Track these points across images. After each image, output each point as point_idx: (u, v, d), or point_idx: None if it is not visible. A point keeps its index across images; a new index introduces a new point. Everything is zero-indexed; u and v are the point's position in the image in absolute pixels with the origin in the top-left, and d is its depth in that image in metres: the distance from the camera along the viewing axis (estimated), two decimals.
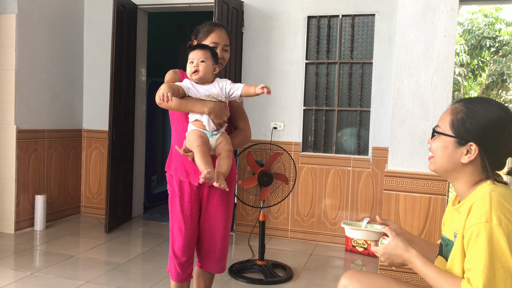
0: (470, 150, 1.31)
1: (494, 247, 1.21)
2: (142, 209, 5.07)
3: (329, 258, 3.82)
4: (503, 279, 1.20)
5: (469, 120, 1.31)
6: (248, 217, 4.39)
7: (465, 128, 1.31)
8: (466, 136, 1.31)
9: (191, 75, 1.99)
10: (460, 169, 1.34)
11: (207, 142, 1.97)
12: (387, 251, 1.41)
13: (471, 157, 1.31)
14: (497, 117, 1.30)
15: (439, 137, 1.37)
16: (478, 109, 1.31)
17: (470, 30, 12.07)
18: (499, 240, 1.21)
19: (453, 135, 1.33)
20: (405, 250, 1.38)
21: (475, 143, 1.30)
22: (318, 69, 4.25)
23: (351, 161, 4.12)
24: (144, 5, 4.65)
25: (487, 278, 1.20)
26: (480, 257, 1.22)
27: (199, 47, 2.01)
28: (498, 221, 1.21)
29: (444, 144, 1.35)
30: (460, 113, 1.34)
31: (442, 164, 1.37)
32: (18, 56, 4.05)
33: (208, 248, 2.19)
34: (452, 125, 1.34)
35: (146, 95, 5.03)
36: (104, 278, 3.14)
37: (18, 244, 3.80)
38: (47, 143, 4.45)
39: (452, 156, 1.34)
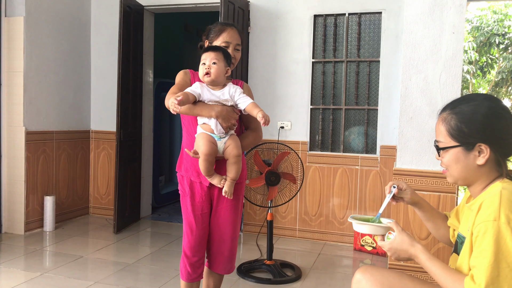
0: (481, 150, 1.30)
1: (500, 246, 1.19)
2: (150, 210, 5.09)
3: (337, 257, 3.81)
4: (508, 278, 1.19)
5: (464, 123, 1.30)
6: (256, 217, 4.38)
7: (464, 133, 1.30)
8: (470, 139, 1.30)
9: (203, 77, 1.97)
10: (478, 172, 1.33)
11: (215, 150, 1.95)
12: (393, 246, 1.42)
13: (486, 156, 1.30)
14: (487, 108, 1.29)
15: (447, 151, 1.36)
16: (466, 110, 1.31)
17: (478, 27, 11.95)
18: (506, 239, 1.19)
19: (457, 144, 1.32)
20: (411, 245, 1.38)
21: (482, 142, 1.29)
22: (325, 68, 4.23)
23: (359, 160, 4.09)
24: (150, 6, 4.66)
25: (490, 276, 1.19)
26: (486, 255, 1.21)
27: (212, 49, 1.98)
28: (506, 220, 1.20)
29: (454, 156, 1.34)
30: (452, 120, 1.33)
31: (460, 174, 1.36)
32: (26, 59, 4.08)
33: (217, 249, 2.19)
34: (451, 135, 1.33)
35: (153, 96, 5.04)
36: (113, 278, 3.15)
37: (28, 245, 3.83)
38: (56, 144, 4.48)
39: (467, 163, 1.33)
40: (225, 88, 2.00)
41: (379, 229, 1.49)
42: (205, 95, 1.95)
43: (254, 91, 4.27)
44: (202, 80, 1.98)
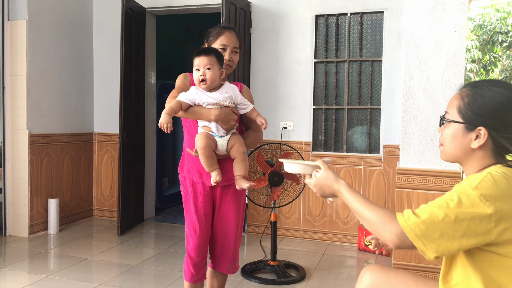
0: (479, 134, 1.27)
1: (461, 201, 1.16)
2: (154, 211, 5.09)
3: (341, 257, 3.80)
4: (445, 230, 1.15)
5: (476, 104, 1.27)
6: (260, 218, 4.38)
7: (472, 112, 1.28)
8: (475, 120, 1.27)
9: (199, 83, 1.97)
10: (470, 154, 1.31)
11: (211, 143, 1.96)
12: (318, 182, 1.45)
13: (481, 141, 1.27)
14: (505, 98, 1.26)
15: (449, 124, 1.34)
16: (485, 92, 1.28)
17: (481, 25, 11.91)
18: (468, 202, 1.16)
19: (461, 121, 1.30)
20: (335, 181, 1.42)
21: (484, 127, 1.26)
22: (327, 68, 4.22)
23: (362, 159, 4.08)
24: (152, 8, 4.67)
25: (432, 217, 1.16)
26: (441, 199, 1.19)
27: (204, 52, 1.98)
28: (480, 193, 1.17)
29: (453, 131, 1.32)
30: (466, 97, 1.30)
31: (452, 152, 1.34)
32: (29, 62, 4.10)
33: (222, 249, 2.19)
34: (459, 111, 1.31)
35: (156, 98, 5.05)
36: (117, 280, 3.16)
37: (32, 248, 3.84)
38: (59, 147, 4.49)
39: (462, 142, 1.31)
40: (222, 89, 2.01)
41: (307, 167, 1.56)
42: (202, 99, 1.96)
43: (256, 92, 4.28)
44: (198, 86, 1.99)
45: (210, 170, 1.97)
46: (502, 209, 1.16)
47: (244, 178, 1.99)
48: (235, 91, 2.03)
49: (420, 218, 1.17)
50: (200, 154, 1.95)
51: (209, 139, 1.96)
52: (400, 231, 1.19)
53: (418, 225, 1.17)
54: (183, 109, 1.94)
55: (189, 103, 1.95)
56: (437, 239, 1.15)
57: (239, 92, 2.06)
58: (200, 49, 2.02)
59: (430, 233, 1.16)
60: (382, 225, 1.23)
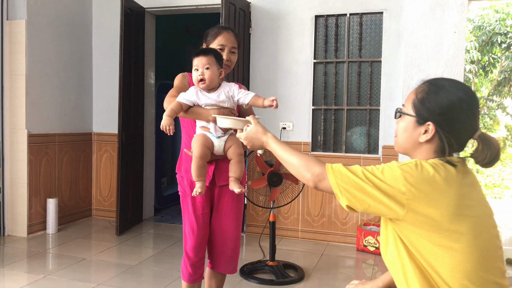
0: (428, 129, 1.32)
1: (384, 172, 1.25)
2: (153, 211, 5.09)
3: (340, 258, 3.80)
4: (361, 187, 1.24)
5: (429, 100, 1.32)
6: (258, 218, 4.37)
7: (424, 107, 1.32)
8: (425, 115, 1.32)
9: (197, 83, 1.97)
10: (417, 147, 1.36)
11: (207, 153, 1.96)
12: (249, 135, 1.57)
13: (428, 136, 1.32)
14: (457, 98, 1.30)
15: (403, 117, 1.39)
16: (439, 90, 1.32)
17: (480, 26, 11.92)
18: (389, 174, 1.23)
19: (413, 114, 1.35)
20: (263, 134, 1.55)
21: (433, 122, 1.30)
22: (327, 69, 4.23)
23: (361, 160, 4.08)
24: (151, 8, 4.67)
25: (355, 172, 1.26)
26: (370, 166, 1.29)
27: (203, 52, 1.98)
28: (402, 170, 1.23)
29: (406, 124, 1.37)
30: (421, 92, 1.35)
31: (402, 143, 1.40)
32: (28, 62, 4.09)
33: (220, 248, 2.19)
34: (413, 105, 1.35)
35: (155, 98, 5.05)
36: (116, 280, 3.15)
37: (31, 247, 3.83)
38: (58, 147, 4.49)
39: (412, 135, 1.35)
40: (220, 89, 2.00)
41: (238, 122, 1.68)
42: (201, 99, 1.96)
43: (255, 92, 4.26)
44: (197, 86, 1.99)
45: (197, 179, 1.94)
46: (416, 194, 1.21)
47: (238, 180, 1.98)
48: (232, 87, 2.02)
49: (346, 169, 1.29)
50: (194, 162, 1.94)
51: (206, 148, 1.95)
52: (320, 172, 1.31)
53: (341, 173, 1.28)
54: (183, 110, 1.95)
55: (189, 103, 1.95)
56: (352, 190, 1.25)
57: (235, 86, 2.04)
58: (199, 49, 2.01)
59: (348, 183, 1.26)
60: (305, 166, 1.35)
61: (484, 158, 1.29)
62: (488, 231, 1.27)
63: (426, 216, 1.21)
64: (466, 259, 1.21)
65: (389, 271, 1.39)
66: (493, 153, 1.29)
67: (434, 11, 2.99)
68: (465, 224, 1.22)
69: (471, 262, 1.21)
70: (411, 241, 1.25)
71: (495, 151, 1.29)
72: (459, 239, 1.21)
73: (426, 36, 3.02)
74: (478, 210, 1.26)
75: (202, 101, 1.96)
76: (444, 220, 1.21)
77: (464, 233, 1.21)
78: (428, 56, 3.02)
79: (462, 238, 1.21)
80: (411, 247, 1.26)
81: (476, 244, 1.22)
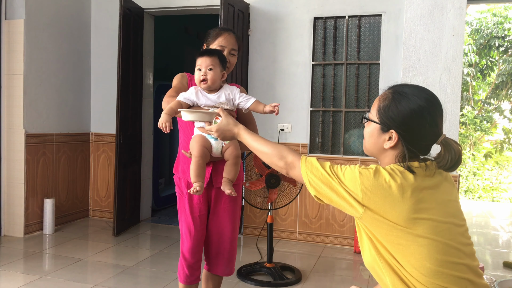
0: (391, 136, 1.36)
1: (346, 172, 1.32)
2: (150, 212, 5.08)
3: (337, 260, 3.80)
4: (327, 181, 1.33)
5: (392, 108, 1.35)
6: (256, 220, 4.37)
7: (387, 115, 1.36)
8: (388, 123, 1.36)
9: (199, 83, 1.96)
10: (382, 153, 1.41)
11: (206, 153, 1.95)
12: (220, 127, 1.63)
13: (392, 143, 1.36)
14: (418, 107, 1.33)
15: (369, 123, 1.43)
16: (401, 98, 1.35)
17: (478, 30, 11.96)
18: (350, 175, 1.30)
19: (377, 122, 1.39)
20: (234, 125, 1.61)
21: (395, 130, 1.34)
22: (325, 71, 4.23)
23: (359, 162, 4.09)
24: (150, 8, 4.67)
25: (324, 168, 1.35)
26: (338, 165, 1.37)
27: (207, 53, 1.97)
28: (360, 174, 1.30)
29: (371, 130, 1.41)
30: (385, 100, 1.38)
31: (369, 148, 1.45)
32: (26, 61, 4.08)
33: (217, 250, 2.19)
34: (378, 112, 1.39)
35: (153, 99, 5.04)
36: (113, 281, 3.14)
37: (28, 248, 3.82)
38: (56, 147, 4.48)
39: (377, 141, 1.40)
40: (221, 90, 1.99)
41: (206, 115, 1.69)
42: (201, 100, 1.95)
43: (253, 94, 4.27)
44: (199, 86, 1.98)
45: (195, 180, 1.91)
46: (371, 199, 1.27)
47: (231, 182, 1.97)
48: (233, 91, 2.01)
49: (317, 162, 1.37)
50: (193, 162, 1.93)
51: (205, 148, 1.94)
52: (292, 161, 1.41)
53: (312, 165, 1.36)
54: (184, 108, 1.93)
55: (189, 103, 1.94)
56: (319, 183, 1.34)
57: (236, 90, 2.03)
58: (203, 50, 2.01)
59: (317, 175, 1.34)
60: (279, 155, 1.44)
61: (445, 163, 1.33)
62: (449, 230, 1.29)
63: (381, 218, 1.27)
64: (425, 258, 1.25)
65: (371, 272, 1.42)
66: (454, 158, 1.32)
67: (433, 13, 3.00)
68: (420, 227, 1.26)
69: (430, 260, 1.25)
70: (377, 238, 1.30)
71: (455, 156, 1.32)
72: (416, 240, 1.26)
73: (425, 38, 3.03)
74: (437, 211, 1.29)
75: (202, 102, 1.95)
76: (398, 223, 1.26)
77: (420, 235, 1.26)
78: (426, 59, 3.03)
79: (418, 239, 1.26)
80: (378, 243, 1.31)
81: (433, 244, 1.26)
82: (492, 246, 4.50)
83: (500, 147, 12.41)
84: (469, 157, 12.44)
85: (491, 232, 5.05)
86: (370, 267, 1.39)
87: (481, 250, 4.24)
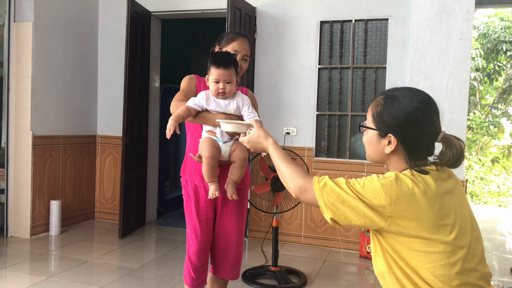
0: (390, 141, 1.35)
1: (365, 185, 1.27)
2: (156, 215, 5.09)
3: (343, 264, 3.78)
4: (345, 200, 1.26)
5: (386, 113, 1.35)
6: (261, 223, 4.36)
7: (383, 120, 1.35)
8: (385, 128, 1.35)
9: (216, 94, 1.95)
10: (386, 158, 1.39)
11: (217, 154, 1.95)
12: (251, 139, 1.61)
13: (392, 147, 1.34)
14: (410, 108, 1.32)
15: (367, 130, 1.42)
16: (393, 102, 1.35)
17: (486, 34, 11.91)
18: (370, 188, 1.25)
19: (374, 128, 1.38)
20: (264, 139, 1.58)
21: (393, 134, 1.33)
22: (331, 74, 4.23)
23: (365, 166, 4.07)
24: (157, 12, 4.69)
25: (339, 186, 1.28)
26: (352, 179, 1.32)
27: (224, 65, 1.93)
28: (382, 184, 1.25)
29: (369, 137, 1.40)
30: (379, 106, 1.38)
31: (371, 156, 1.43)
32: (34, 64, 4.12)
33: (223, 254, 2.18)
34: (373, 118, 1.39)
35: (160, 101, 5.06)
36: (118, 283, 3.15)
37: (34, 249, 3.83)
38: (62, 149, 4.50)
39: (377, 148, 1.39)
40: (232, 97, 1.99)
41: (241, 126, 1.71)
42: (211, 105, 1.95)
43: (260, 97, 4.28)
44: (216, 96, 1.97)
45: (209, 181, 1.95)
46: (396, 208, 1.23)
47: (235, 184, 1.99)
48: (245, 102, 2.00)
49: (331, 182, 1.31)
50: (205, 163, 1.93)
51: (216, 149, 1.94)
52: (303, 185, 1.34)
53: (326, 185, 1.30)
54: (192, 115, 1.94)
55: (198, 109, 1.94)
56: (336, 203, 1.27)
57: (248, 101, 2.02)
58: (219, 59, 1.95)
59: (333, 196, 1.28)
60: (291, 176, 1.39)
61: (448, 160, 1.32)
62: (468, 236, 1.29)
63: (406, 227, 1.24)
64: (446, 265, 1.24)
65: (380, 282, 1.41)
66: (456, 154, 1.31)
67: (440, 17, 2.99)
68: (444, 233, 1.25)
69: (449, 267, 1.24)
70: (393, 247, 1.28)
71: (457, 152, 1.31)
72: (438, 246, 1.24)
73: (432, 43, 3.01)
74: (457, 216, 1.28)
75: (211, 107, 1.95)
76: (424, 230, 1.24)
77: (443, 241, 1.24)
78: (434, 63, 3.01)
79: (441, 246, 1.24)
80: (390, 257, 1.29)
81: (455, 250, 1.25)
82: (499, 252, 4.46)
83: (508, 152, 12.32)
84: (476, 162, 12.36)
85: (498, 237, 5.00)
86: (379, 278, 1.38)
87: (488, 256, 4.20)
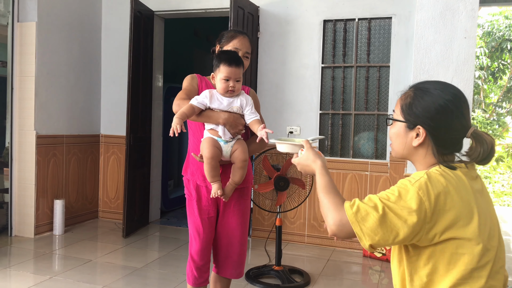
0: (419, 133, 1.32)
1: (401, 195, 1.20)
2: (159, 214, 5.09)
3: (346, 264, 3.77)
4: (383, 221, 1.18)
5: (415, 104, 1.33)
6: (265, 222, 4.36)
7: (412, 112, 1.33)
8: (414, 120, 1.33)
9: (224, 92, 1.95)
10: (414, 152, 1.36)
11: (218, 154, 1.95)
12: (300, 161, 1.53)
13: (420, 140, 1.32)
14: (442, 100, 1.30)
15: (394, 123, 1.40)
16: (424, 94, 1.33)
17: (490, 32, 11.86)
18: (406, 196, 1.19)
19: (402, 120, 1.36)
20: (313, 162, 1.48)
21: (422, 125, 1.31)
22: (335, 73, 4.21)
23: (369, 165, 4.06)
24: (160, 11, 4.69)
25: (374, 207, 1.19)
26: (384, 192, 1.24)
27: (235, 63, 1.94)
28: (418, 188, 1.20)
29: (397, 130, 1.38)
30: (408, 98, 1.36)
31: (398, 150, 1.40)
32: (37, 63, 4.13)
33: (226, 253, 2.18)
34: (402, 110, 1.37)
35: (163, 101, 5.07)
36: (122, 283, 3.15)
37: (38, 248, 3.85)
38: (66, 148, 4.51)
39: (405, 140, 1.36)
40: (237, 96, 1.99)
41: (294, 147, 1.65)
42: (214, 104, 1.95)
43: (263, 96, 4.28)
44: (223, 94, 1.97)
45: (212, 180, 1.96)
46: (435, 208, 1.19)
47: (235, 185, 2.01)
48: (248, 101, 2.01)
49: (363, 204, 1.22)
50: (206, 163, 1.94)
51: (216, 149, 1.94)
52: (340, 219, 1.23)
53: (359, 210, 1.21)
54: (196, 113, 1.94)
55: (202, 107, 1.94)
56: (375, 227, 1.19)
57: (251, 101, 2.03)
58: (230, 57, 1.96)
59: (369, 220, 1.19)
60: (327, 210, 1.28)
61: (478, 155, 1.29)
62: (496, 236, 1.27)
63: (447, 230, 1.20)
64: (478, 267, 1.20)
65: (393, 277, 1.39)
66: (486, 150, 1.29)
67: (444, 16, 2.97)
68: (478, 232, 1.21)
69: (481, 269, 1.21)
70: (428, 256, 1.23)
71: (488, 148, 1.29)
72: (473, 248, 1.20)
73: (436, 41, 3.00)
74: (486, 216, 1.25)
75: (214, 105, 1.95)
76: (460, 227, 1.20)
77: (480, 241, 1.20)
78: (438, 62, 3.00)
79: (475, 248, 1.20)
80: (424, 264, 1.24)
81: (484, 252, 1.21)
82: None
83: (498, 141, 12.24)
84: None
85: (503, 237, 4.97)
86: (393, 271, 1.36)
87: None
